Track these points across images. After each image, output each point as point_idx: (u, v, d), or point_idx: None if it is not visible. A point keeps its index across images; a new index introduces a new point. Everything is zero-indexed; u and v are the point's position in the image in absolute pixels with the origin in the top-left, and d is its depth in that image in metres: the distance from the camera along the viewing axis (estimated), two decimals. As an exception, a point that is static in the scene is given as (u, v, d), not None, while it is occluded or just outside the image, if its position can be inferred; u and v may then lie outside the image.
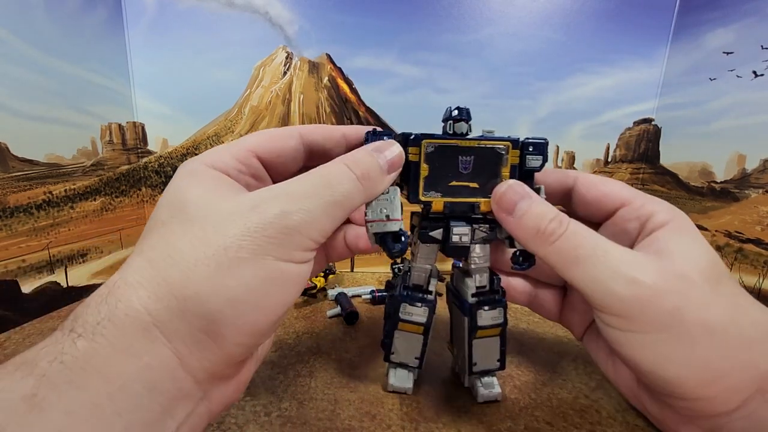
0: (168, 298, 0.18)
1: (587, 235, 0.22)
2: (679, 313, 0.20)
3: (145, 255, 0.19)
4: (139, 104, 0.54)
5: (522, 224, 0.24)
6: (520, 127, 0.57)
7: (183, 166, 0.23)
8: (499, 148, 0.26)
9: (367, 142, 0.25)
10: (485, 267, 0.28)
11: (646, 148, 0.59)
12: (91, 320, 0.17)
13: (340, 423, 0.26)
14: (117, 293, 0.18)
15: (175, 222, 0.20)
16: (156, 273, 0.18)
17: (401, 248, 0.25)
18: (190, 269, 0.18)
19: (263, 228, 0.19)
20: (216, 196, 0.20)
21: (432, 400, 0.29)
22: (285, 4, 0.53)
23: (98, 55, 0.48)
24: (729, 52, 0.48)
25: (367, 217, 0.25)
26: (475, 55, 0.55)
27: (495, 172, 0.26)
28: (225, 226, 0.19)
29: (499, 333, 0.29)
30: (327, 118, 0.58)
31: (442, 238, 0.27)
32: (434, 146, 0.25)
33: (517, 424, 0.27)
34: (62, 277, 0.45)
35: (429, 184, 0.25)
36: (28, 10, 0.40)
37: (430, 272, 0.29)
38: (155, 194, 0.57)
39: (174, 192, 0.21)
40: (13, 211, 0.40)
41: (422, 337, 0.29)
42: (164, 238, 0.19)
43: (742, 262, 0.46)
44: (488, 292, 0.29)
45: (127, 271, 0.19)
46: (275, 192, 0.20)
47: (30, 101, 0.40)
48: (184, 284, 0.18)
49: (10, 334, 0.38)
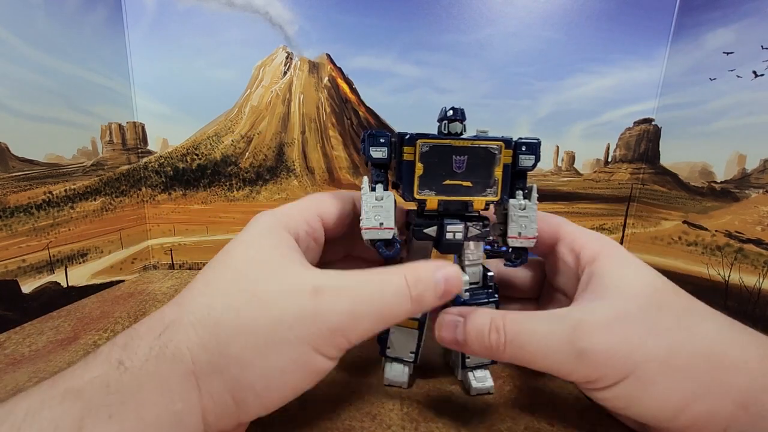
0: (212, 352, 0.18)
1: (525, 328, 0.23)
2: (629, 359, 0.21)
3: (208, 296, 0.20)
4: (139, 104, 0.54)
5: (470, 349, 0.24)
6: (520, 127, 0.57)
7: (260, 218, 0.25)
8: (492, 147, 0.26)
9: (364, 143, 0.26)
10: (478, 263, 0.29)
11: (646, 148, 0.59)
12: (141, 354, 0.18)
13: (340, 423, 0.26)
14: (171, 333, 0.18)
15: (243, 277, 0.21)
16: (210, 322, 0.19)
17: (393, 254, 0.26)
18: (240, 332, 0.19)
19: (317, 319, 0.19)
20: (284, 265, 0.21)
21: (432, 399, 0.29)
22: (285, 4, 0.53)
23: (98, 55, 0.48)
24: (729, 52, 0.48)
25: (362, 224, 0.26)
26: (475, 55, 0.55)
27: (488, 171, 0.26)
28: (284, 301, 0.20)
29: None
30: (327, 118, 0.58)
31: (436, 235, 0.27)
32: (429, 146, 0.25)
33: (517, 424, 0.27)
34: (62, 277, 0.45)
35: (424, 183, 0.26)
36: (28, 10, 0.40)
37: None
38: (155, 194, 0.57)
39: (249, 243, 0.23)
40: (13, 211, 0.40)
41: (417, 332, 0.30)
42: (230, 288, 0.20)
43: (742, 262, 0.46)
44: (481, 287, 0.30)
45: (186, 308, 0.20)
46: (337, 284, 0.21)
47: (30, 101, 0.40)
48: (230, 344, 0.19)
49: (10, 334, 0.38)
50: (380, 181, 0.27)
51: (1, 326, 0.38)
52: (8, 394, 0.29)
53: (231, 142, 0.57)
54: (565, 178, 0.61)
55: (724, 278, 0.48)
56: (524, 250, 0.29)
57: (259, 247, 0.22)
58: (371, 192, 0.26)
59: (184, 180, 0.58)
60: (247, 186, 0.58)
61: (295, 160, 0.58)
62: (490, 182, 0.26)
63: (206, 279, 0.21)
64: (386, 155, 0.26)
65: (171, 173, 0.57)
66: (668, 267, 0.55)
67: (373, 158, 0.26)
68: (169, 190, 0.58)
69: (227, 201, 0.58)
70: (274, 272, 0.21)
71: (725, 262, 0.48)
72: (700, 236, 0.52)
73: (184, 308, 0.19)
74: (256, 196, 0.58)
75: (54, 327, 0.40)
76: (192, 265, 0.59)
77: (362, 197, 0.26)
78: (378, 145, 0.26)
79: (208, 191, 0.58)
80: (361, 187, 0.26)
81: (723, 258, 0.48)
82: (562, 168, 0.60)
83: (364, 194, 0.26)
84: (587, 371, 0.22)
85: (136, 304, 0.46)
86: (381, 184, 0.27)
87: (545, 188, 0.61)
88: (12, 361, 0.33)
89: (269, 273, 0.21)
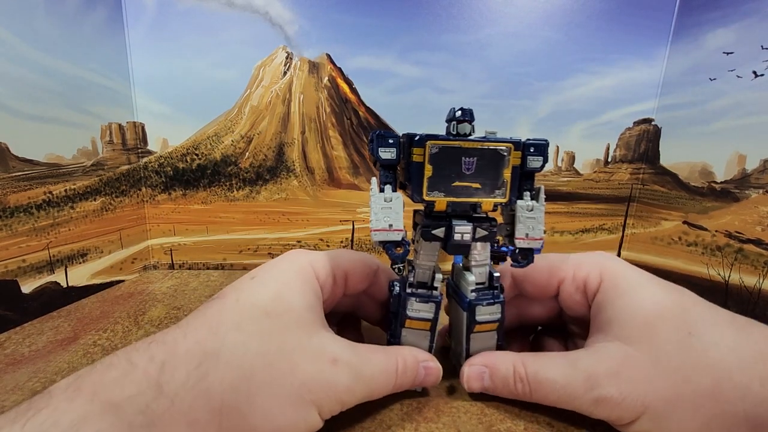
0: (241, 397, 0.19)
1: (545, 378, 0.25)
2: (640, 401, 0.23)
3: (245, 333, 0.21)
4: (139, 104, 0.54)
5: (500, 395, 0.28)
6: (520, 128, 0.57)
7: (297, 259, 0.26)
8: (501, 149, 0.26)
9: (372, 144, 0.26)
10: (485, 264, 0.29)
11: (646, 148, 0.59)
12: (178, 380, 0.18)
13: (340, 423, 0.26)
14: (208, 366, 0.19)
15: (279, 327, 0.22)
16: (245, 364, 0.20)
17: (402, 255, 0.27)
18: (270, 384, 0.20)
19: (330, 387, 0.22)
20: (315, 328, 0.23)
21: (432, 399, 0.29)
22: (285, 4, 0.53)
23: (98, 55, 0.48)
24: (729, 52, 0.48)
25: (371, 225, 0.26)
26: (475, 55, 0.55)
27: (497, 172, 0.26)
28: (311, 365, 0.22)
29: (496, 328, 0.30)
30: (327, 118, 0.58)
31: (444, 236, 0.27)
32: (438, 147, 0.25)
33: (517, 425, 0.27)
34: (62, 277, 0.45)
35: (433, 184, 0.26)
36: (28, 10, 0.40)
37: (434, 269, 0.29)
38: (155, 194, 0.57)
39: (286, 285, 0.24)
40: (13, 211, 0.40)
41: (429, 333, 0.30)
42: (264, 331, 0.21)
43: (742, 262, 0.46)
44: (487, 288, 0.30)
45: (223, 341, 0.20)
46: (348, 359, 0.23)
47: (30, 101, 0.40)
48: (259, 393, 0.20)
49: (10, 334, 0.38)
50: (389, 182, 0.27)
51: (1, 326, 0.38)
52: (8, 394, 0.29)
53: (231, 142, 0.57)
54: (565, 178, 0.61)
55: (724, 278, 0.48)
56: (530, 250, 0.29)
57: (296, 297, 0.23)
58: (380, 193, 0.26)
59: (184, 180, 0.58)
60: (247, 186, 0.58)
61: (295, 160, 0.58)
62: (498, 184, 0.26)
63: (240, 309, 0.22)
64: (395, 156, 0.26)
65: (171, 173, 0.57)
66: (668, 267, 0.55)
67: (382, 159, 0.26)
68: (169, 190, 0.58)
69: (227, 201, 0.58)
70: (307, 333, 0.22)
71: (725, 263, 0.48)
72: (700, 236, 0.52)
73: (221, 340, 0.20)
74: (256, 196, 0.58)
75: (54, 327, 0.40)
76: (192, 265, 0.59)
77: (371, 198, 0.26)
78: (387, 146, 0.26)
79: (208, 191, 0.58)
80: (370, 188, 0.26)
81: (723, 258, 0.48)
82: (562, 168, 0.60)
83: (373, 195, 0.26)
84: (605, 414, 0.24)
85: (136, 304, 0.46)
86: (389, 185, 0.27)
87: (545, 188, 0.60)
88: (12, 361, 0.33)
89: (302, 333, 0.22)
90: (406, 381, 0.26)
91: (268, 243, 0.59)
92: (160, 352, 0.19)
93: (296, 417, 0.21)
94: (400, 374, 0.25)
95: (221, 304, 0.22)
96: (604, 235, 0.61)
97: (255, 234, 0.59)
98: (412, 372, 0.26)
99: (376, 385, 0.24)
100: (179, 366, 0.18)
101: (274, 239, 0.59)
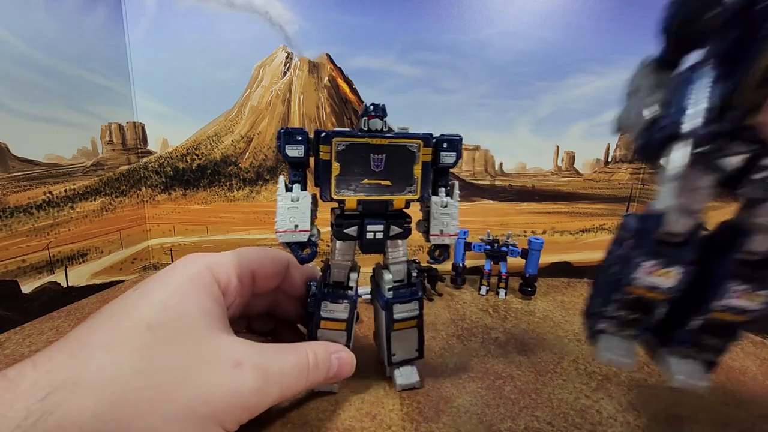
0: (109, 425, 0.17)
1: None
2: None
3: (115, 352, 0.18)
4: (139, 104, 0.54)
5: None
6: (520, 127, 0.57)
7: (190, 266, 0.24)
8: (410, 145, 0.26)
9: (279, 141, 0.25)
10: (402, 261, 0.29)
11: (646, 148, 0.59)
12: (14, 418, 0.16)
13: (340, 423, 0.26)
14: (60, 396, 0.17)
15: (164, 338, 0.20)
16: (114, 388, 0.17)
17: (309, 257, 0.26)
18: (150, 403, 0.18)
19: (232, 396, 0.20)
20: (210, 334, 0.21)
21: (432, 399, 0.29)
22: (285, 4, 0.53)
23: (98, 55, 0.48)
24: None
25: (276, 226, 0.25)
26: (475, 55, 0.55)
27: (408, 169, 0.26)
28: (205, 375, 0.20)
29: (416, 325, 0.30)
30: (327, 118, 0.58)
31: (357, 234, 0.27)
32: (345, 144, 0.25)
33: (517, 424, 0.27)
34: (62, 277, 0.45)
35: (341, 183, 0.25)
36: (28, 10, 0.40)
37: (350, 268, 0.29)
38: (155, 194, 0.57)
39: (174, 295, 0.21)
40: (13, 211, 0.40)
41: (345, 333, 0.29)
42: (144, 346, 0.19)
43: (742, 262, 0.46)
44: (405, 285, 0.30)
45: (85, 365, 0.18)
46: (255, 360, 0.21)
47: (30, 101, 0.40)
48: (136, 417, 0.17)
49: (9, 334, 0.38)
50: (297, 181, 0.26)
51: (1, 326, 0.38)
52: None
53: (231, 142, 0.57)
54: (565, 178, 0.61)
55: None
56: (446, 246, 0.29)
57: (187, 304, 0.21)
58: (287, 192, 0.26)
59: (184, 180, 0.58)
60: (247, 186, 0.58)
61: (295, 160, 0.58)
62: (410, 180, 0.26)
63: (112, 327, 0.19)
64: (303, 153, 0.25)
65: (171, 173, 0.57)
66: (668, 267, 0.54)
67: (289, 157, 0.25)
68: (169, 190, 0.58)
69: (227, 201, 0.58)
70: (202, 340, 0.21)
71: (725, 262, 0.48)
72: (700, 236, 0.51)
73: (82, 365, 0.17)
74: (256, 196, 0.58)
75: (54, 327, 0.40)
76: (192, 265, 0.59)
77: (277, 198, 0.26)
78: (294, 143, 0.25)
79: (208, 191, 0.58)
80: (277, 187, 0.26)
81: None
82: (562, 168, 0.60)
83: (280, 194, 0.26)
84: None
85: (136, 304, 0.46)
86: (298, 184, 0.26)
87: (545, 188, 0.60)
88: (12, 362, 0.33)
89: (195, 341, 0.20)
90: (319, 374, 0.25)
91: (268, 243, 0.58)
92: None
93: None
94: (312, 368, 0.24)
95: (91, 324, 0.20)
96: (605, 234, 0.61)
97: (255, 234, 0.59)
98: (324, 364, 0.25)
99: (288, 381, 0.23)
100: (15, 402, 0.16)
101: (274, 239, 0.59)
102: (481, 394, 0.30)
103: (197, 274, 0.23)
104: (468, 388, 0.31)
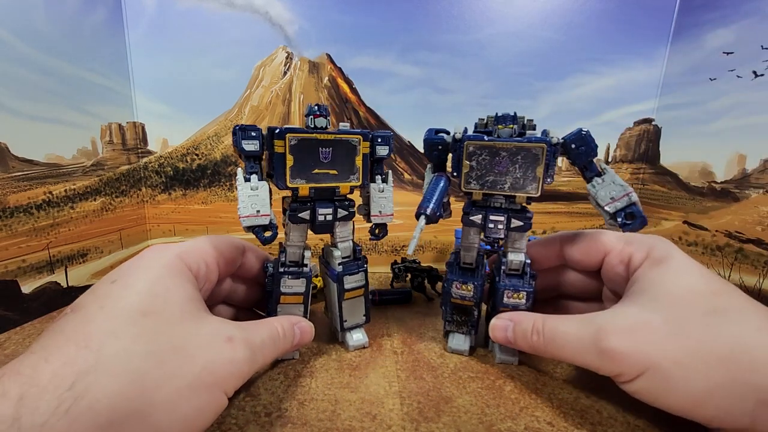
0: (135, 401, 0.19)
1: (560, 331, 0.27)
2: (644, 359, 0.23)
3: (123, 338, 0.20)
4: (139, 104, 0.54)
5: (518, 346, 0.30)
6: (520, 127, 0.57)
7: (159, 252, 0.26)
8: (352, 140, 0.30)
9: (235, 137, 0.28)
10: (348, 239, 0.34)
11: (646, 148, 0.59)
12: (44, 410, 0.17)
13: (340, 423, 0.26)
14: (86, 383, 0.18)
15: (164, 322, 0.22)
16: (131, 369, 0.19)
17: (271, 238, 0.29)
18: (166, 379, 0.20)
19: (232, 365, 0.23)
20: (200, 315, 0.24)
21: (432, 399, 0.29)
22: (285, 4, 0.53)
23: (98, 55, 0.48)
24: (729, 52, 0.48)
25: (240, 212, 0.28)
26: (475, 55, 0.55)
27: (351, 160, 0.31)
28: (206, 350, 0.22)
29: (362, 293, 0.35)
30: (327, 118, 0.58)
31: (310, 217, 0.31)
32: (297, 139, 0.29)
33: (517, 424, 0.27)
34: (62, 277, 0.45)
35: (295, 172, 0.29)
36: (28, 10, 0.40)
37: (304, 248, 0.33)
38: (155, 194, 0.57)
39: (156, 283, 0.23)
40: (13, 211, 0.40)
41: (303, 306, 0.33)
42: (149, 332, 0.21)
43: (742, 262, 0.46)
44: (352, 260, 0.35)
45: (99, 352, 0.19)
46: (241, 334, 0.24)
47: (30, 101, 0.40)
48: (156, 391, 0.19)
49: (10, 335, 0.38)
50: (254, 172, 0.29)
51: (1, 326, 0.38)
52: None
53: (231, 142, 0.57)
54: (565, 178, 0.61)
55: (725, 278, 0.48)
56: (384, 225, 0.35)
57: (172, 291, 0.23)
58: (246, 182, 0.29)
59: (184, 180, 0.58)
60: (247, 186, 0.58)
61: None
62: (353, 170, 0.31)
63: (109, 316, 0.20)
64: (258, 148, 0.29)
65: (171, 173, 0.57)
66: (668, 267, 0.55)
67: (246, 151, 0.29)
68: (169, 190, 0.58)
69: (227, 201, 0.58)
70: (195, 323, 0.23)
71: (725, 262, 0.48)
72: (701, 236, 0.52)
73: (95, 352, 0.18)
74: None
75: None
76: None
77: (237, 187, 0.29)
78: (250, 139, 0.28)
79: (208, 191, 0.58)
80: (236, 178, 0.29)
81: (723, 258, 0.48)
82: (562, 168, 0.60)
83: (240, 184, 0.29)
84: (610, 367, 0.25)
85: (136, 304, 0.46)
86: (255, 174, 0.29)
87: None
88: (12, 362, 0.33)
89: (190, 324, 0.23)
90: (287, 343, 0.28)
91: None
92: (15, 386, 0.17)
93: (202, 402, 0.21)
94: (282, 338, 0.28)
95: (82, 316, 0.21)
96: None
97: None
98: (290, 333, 0.29)
99: (267, 351, 0.26)
100: (43, 394, 0.16)
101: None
102: (481, 394, 0.30)
103: (171, 263, 0.25)
104: (468, 388, 0.31)
